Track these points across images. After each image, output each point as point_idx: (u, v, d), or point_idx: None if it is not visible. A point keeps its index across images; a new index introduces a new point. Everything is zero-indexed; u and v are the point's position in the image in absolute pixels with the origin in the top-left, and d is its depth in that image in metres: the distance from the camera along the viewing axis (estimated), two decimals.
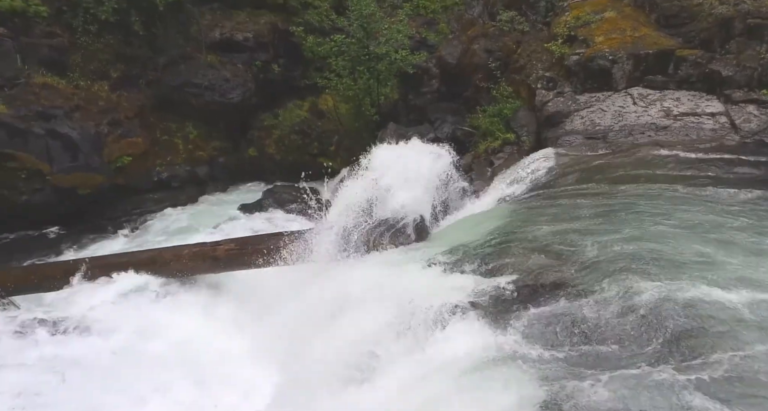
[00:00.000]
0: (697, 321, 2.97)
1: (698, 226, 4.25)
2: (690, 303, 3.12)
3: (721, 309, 3.05)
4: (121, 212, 10.00)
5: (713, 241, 3.95)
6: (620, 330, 3.08)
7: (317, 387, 3.84)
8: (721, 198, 5.00)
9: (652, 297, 3.21)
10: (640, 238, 4.07)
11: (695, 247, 3.83)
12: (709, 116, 7.27)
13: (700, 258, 3.66)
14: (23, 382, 4.66)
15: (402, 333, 3.69)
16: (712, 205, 4.78)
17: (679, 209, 4.67)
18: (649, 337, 2.95)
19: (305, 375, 4.12)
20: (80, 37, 10.12)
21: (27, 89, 9.03)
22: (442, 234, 5.81)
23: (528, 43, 9.69)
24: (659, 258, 3.68)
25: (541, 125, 8.33)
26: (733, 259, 3.62)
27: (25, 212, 8.89)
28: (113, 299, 5.77)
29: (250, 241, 6.38)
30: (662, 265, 3.58)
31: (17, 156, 8.59)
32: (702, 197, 5.03)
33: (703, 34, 8.05)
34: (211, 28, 11.73)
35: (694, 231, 4.16)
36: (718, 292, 3.17)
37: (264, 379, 4.59)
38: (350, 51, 10.83)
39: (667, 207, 4.75)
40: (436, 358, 3.38)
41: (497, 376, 2.98)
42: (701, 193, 5.15)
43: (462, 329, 3.53)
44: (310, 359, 4.21)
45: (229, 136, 11.89)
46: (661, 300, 3.17)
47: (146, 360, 4.96)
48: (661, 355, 2.80)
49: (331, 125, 12.02)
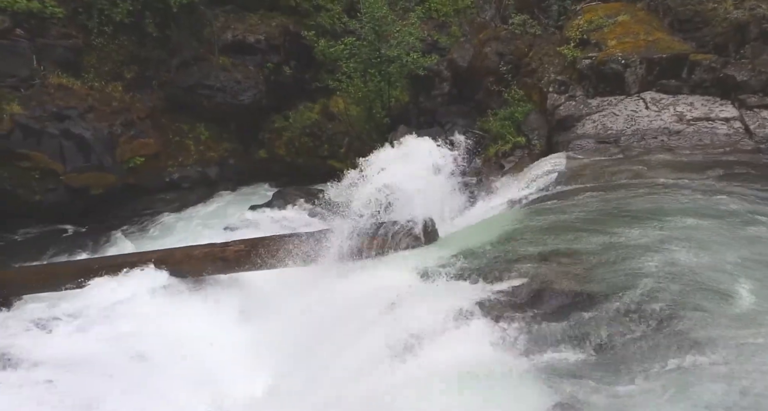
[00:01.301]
0: (711, 327, 2.94)
1: (713, 233, 4.20)
2: (704, 308, 3.08)
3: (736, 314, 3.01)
4: (132, 212, 10.09)
5: (728, 247, 3.91)
6: (633, 337, 3.05)
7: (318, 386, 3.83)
8: (735, 203, 4.94)
9: (664, 303, 3.18)
10: (652, 244, 4.03)
11: (711, 254, 3.78)
12: (723, 121, 7.20)
13: (715, 264, 3.61)
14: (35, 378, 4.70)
15: (406, 337, 3.67)
16: (727, 212, 4.72)
17: (693, 215, 4.62)
18: (663, 344, 2.91)
19: (306, 373, 4.12)
20: (95, 39, 10.23)
21: (42, 90, 9.15)
22: (451, 237, 5.79)
23: (540, 46, 9.65)
24: (672, 263, 3.65)
25: (553, 129, 8.29)
26: (756, 271, 3.56)
27: (37, 211, 8.99)
28: (124, 298, 5.80)
29: (259, 242, 6.39)
30: (675, 270, 3.54)
31: (31, 156, 8.70)
32: (716, 202, 4.98)
33: (717, 39, 7.98)
34: (223, 30, 11.81)
35: (708, 237, 4.12)
36: (730, 295, 3.13)
37: (266, 375, 4.61)
38: (361, 53, 10.85)
39: (681, 213, 4.70)
40: (441, 362, 3.36)
41: (503, 383, 2.96)
42: (715, 198, 5.09)
43: (468, 333, 3.51)
44: (311, 359, 4.20)
45: (239, 137, 11.95)
46: (674, 306, 3.14)
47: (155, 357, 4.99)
48: (674, 363, 2.77)
49: (341, 127, 12.04)
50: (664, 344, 2.92)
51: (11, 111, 8.59)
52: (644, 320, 3.13)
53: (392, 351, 3.61)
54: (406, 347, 3.59)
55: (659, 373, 2.73)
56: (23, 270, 7.22)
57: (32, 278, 6.39)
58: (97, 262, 6.56)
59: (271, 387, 4.45)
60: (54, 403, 4.41)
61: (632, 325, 3.15)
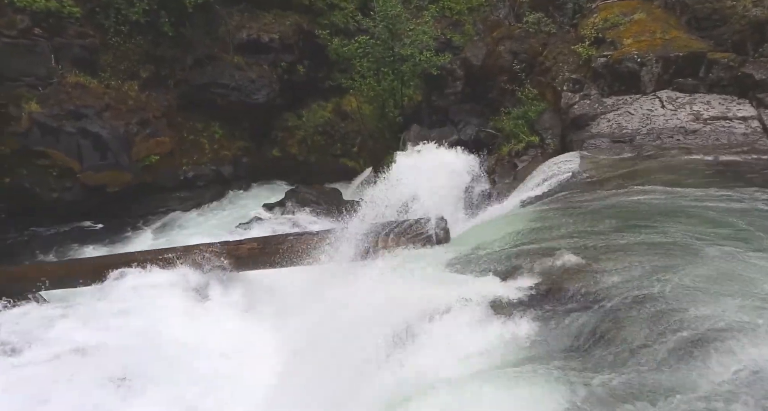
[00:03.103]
0: (726, 330, 2.90)
1: (732, 234, 4.14)
2: (717, 313, 3.04)
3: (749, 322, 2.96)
4: (147, 210, 10.21)
5: (747, 250, 3.85)
6: (648, 338, 3.01)
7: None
8: (754, 204, 4.87)
9: (681, 304, 3.14)
10: (669, 244, 3.99)
11: (731, 255, 3.72)
12: (741, 120, 7.10)
13: (731, 270, 3.56)
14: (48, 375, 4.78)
15: (418, 334, 3.67)
16: (743, 212, 4.65)
17: (710, 216, 4.56)
18: (679, 346, 2.87)
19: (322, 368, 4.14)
20: (112, 38, 10.35)
21: (60, 88, 9.27)
22: (464, 236, 5.77)
23: (554, 45, 9.58)
24: (692, 263, 3.60)
25: (567, 128, 8.23)
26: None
27: (54, 209, 9.12)
28: (138, 295, 5.88)
29: (272, 240, 6.43)
30: (695, 272, 3.50)
31: (49, 154, 8.83)
32: (733, 202, 4.91)
33: (735, 37, 7.87)
34: (237, 29, 11.88)
35: (728, 238, 4.06)
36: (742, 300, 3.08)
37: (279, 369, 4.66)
38: (375, 52, 10.86)
39: (698, 214, 4.64)
40: (449, 359, 3.36)
41: (514, 382, 2.94)
42: (732, 198, 5.02)
43: (478, 330, 3.50)
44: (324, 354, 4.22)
45: (253, 136, 12.04)
46: (692, 307, 3.10)
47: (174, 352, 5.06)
48: (690, 366, 2.73)
49: (354, 126, 12.07)
50: (680, 345, 2.88)
51: (29, 109, 8.72)
52: (660, 322, 3.09)
53: (399, 347, 3.61)
54: (414, 343, 3.60)
55: (673, 373, 2.70)
56: (40, 266, 7.35)
57: (49, 274, 6.49)
58: (112, 259, 6.64)
59: (284, 380, 4.49)
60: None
61: (648, 326, 3.11)
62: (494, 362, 3.22)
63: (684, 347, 2.80)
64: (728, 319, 2.88)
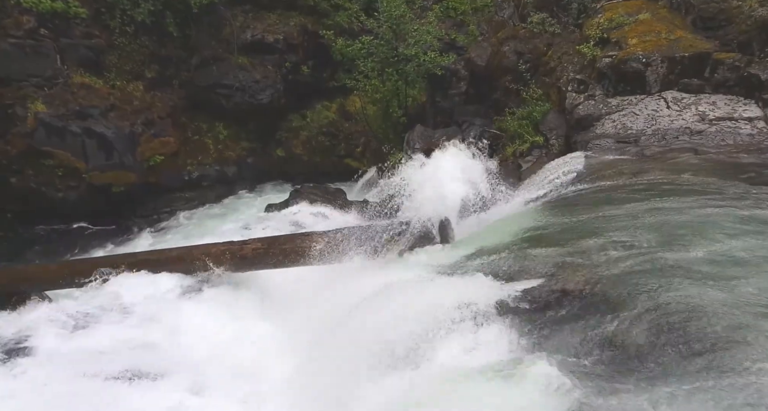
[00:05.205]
0: (732, 332, 2.88)
1: (740, 236, 4.11)
2: (723, 314, 3.02)
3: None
4: (151, 210, 10.25)
5: (751, 251, 3.83)
6: (651, 342, 3.00)
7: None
8: (760, 205, 4.85)
9: (689, 308, 3.12)
10: (671, 245, 3.97)
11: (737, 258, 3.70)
12: (747, 121, 7.07)
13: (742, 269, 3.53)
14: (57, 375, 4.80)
15: (421, 337, 3.66)
16: (750, 213, 4.63)
17: (716, 218, 4.54)
18: (687, 350, 2.86)
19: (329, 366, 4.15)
20: (117, 38, 10.40)
21: (65, 89, 9.33)
22: (467, 237, 5.77)
23: (559, 45, 9.57)
24: (698, 267, 3.58)
25: (571, 128, 8.21)
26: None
27: (60, 209, 9.17)
28: (144, 295, 5.90)
29: (276, 240, 6.43)
30: (702, 275, 3.48)
31: (55, 154, 8.88)
32: (738, 203, 4.89)
33: (741, 37, 7.84)
34: (242, 30, 11.93)
35: (732, 240, 4.04)
36: (749, 302, 3.07)
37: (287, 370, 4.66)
38: (379, 53, 10.87)
39: (704, 216, 4.62)
40: (454, 362, 3.35)
41: (518, 385, 2.93)
42: (738, 199, 4.99)
43: (483, 333, 3.49)
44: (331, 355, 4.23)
45: (257, 136, 12.07)
46: (695, 311, 3.08)
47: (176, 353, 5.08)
48: (695, 369, 2.72)
49: (358, 127, 12.08)
50: (688, 349, 2.87)
51: (35, 110, 8.78)
52: (667, 325, 3.08)
53: (405, 349, 3.61)
54: (420, 346, 3.59)
55: (681, 378, 2.69)
56: (44, 266, 7.37)
57: (53, 274, 6.51)
58: (117, 259, 6.66)
59: (293, 381, 4.50)
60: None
61: (653, 330, 3.09)
62: (501, 361, 3.22)
63: (696, 352, 2.79)
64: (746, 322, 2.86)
